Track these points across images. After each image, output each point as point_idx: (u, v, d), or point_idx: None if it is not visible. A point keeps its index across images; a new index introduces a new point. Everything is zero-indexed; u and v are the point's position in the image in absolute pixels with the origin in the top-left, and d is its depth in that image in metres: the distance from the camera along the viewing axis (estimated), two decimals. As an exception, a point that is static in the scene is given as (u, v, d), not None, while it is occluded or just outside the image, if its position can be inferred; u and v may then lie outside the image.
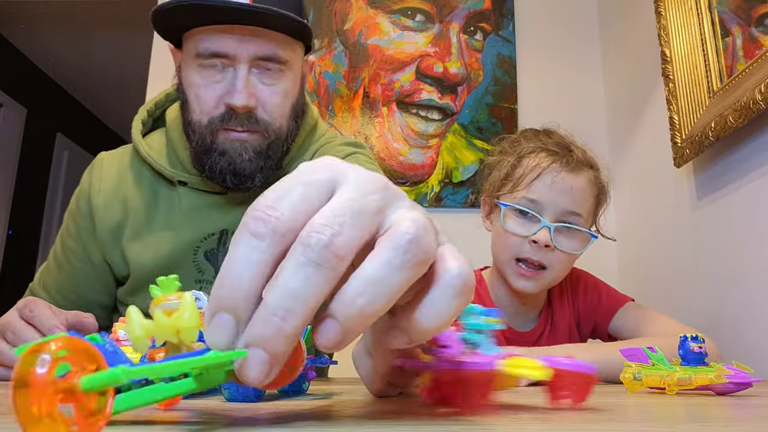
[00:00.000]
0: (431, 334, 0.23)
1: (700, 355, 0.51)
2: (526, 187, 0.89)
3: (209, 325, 0.22)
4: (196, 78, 0.73)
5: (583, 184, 0.91)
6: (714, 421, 0.30)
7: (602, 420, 0.29)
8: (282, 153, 0.78)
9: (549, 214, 0.88)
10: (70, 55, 3.57)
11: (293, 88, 0.77)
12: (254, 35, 0.71)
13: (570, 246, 0.88)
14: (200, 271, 0.80)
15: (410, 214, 0.23)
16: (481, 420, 0.28)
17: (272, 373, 0.21)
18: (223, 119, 0.73)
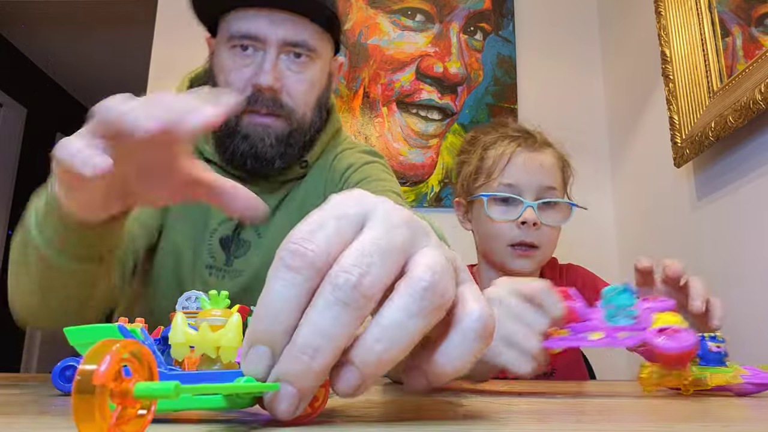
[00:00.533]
0: (450, 377, 0.24)
1: (719, 354, 0.50)
2: (500, 174, 0.93)
3: (247, 356, 0.22)
4: (228, 62, 0.74)
5: (551, 160, 0.96)
6: (714, 421, 0.30)
7: (602, 420, 0.29)
8: (303, 143, 0.78)
9: (528, 193, 0.92)
10: (70, 55, 3.57)
11: (320, 79, 0.78)
12: (286, 20, 0.73)
13: (554, 219, 0.93)
14: (212, 256, 0.80)
15: (429, 257, 0.24)
16: (481, 420, 0.28)
17: (300, 407, 0.22)
18: (249, 101, 0.73)
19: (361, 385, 0.22)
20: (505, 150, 0.94)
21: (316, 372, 0.21)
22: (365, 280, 0.22)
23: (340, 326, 0.22)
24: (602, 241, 1.65)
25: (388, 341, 0.22)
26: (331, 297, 0.22)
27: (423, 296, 0.22)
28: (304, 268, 0.22)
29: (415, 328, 0.22)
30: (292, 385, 0.22)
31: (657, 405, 0.38)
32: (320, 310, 0.22)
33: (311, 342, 0.21)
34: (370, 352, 0.22)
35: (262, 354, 0.22)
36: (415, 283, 0.22)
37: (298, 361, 0.21)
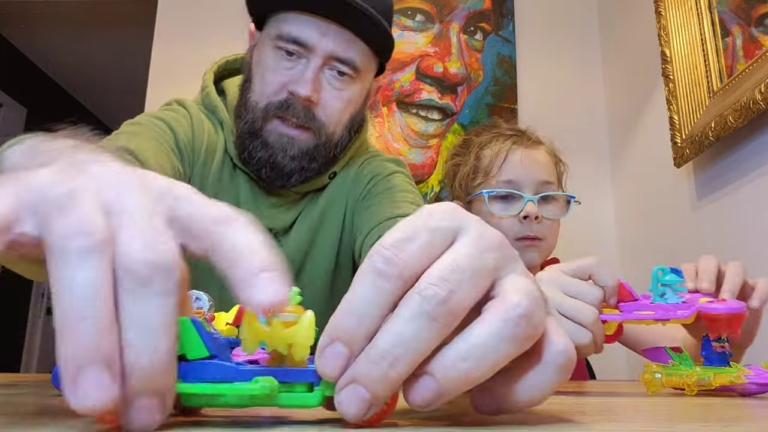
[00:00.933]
0: (525, 407, 0.24)
1: (723, 355, 0.50)
2: (498, 172, 0.95)
3: (324, 352, 0.22)
4: (269, 60, 0.72)
5: (545, 156, 0.99)
6: (714, 421, 0.30)
7: (603, 420, 0.29)
8: (327, 159, 0.76)
9: (528, 188, 0.94)
10: (70, 55, 3.57)
11: (358, 100, 0.76)
12: (337, 34, 0.70)
13: (554, 213, 0.95)
14: None
15: (522, 283, 0.23)
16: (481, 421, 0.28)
17: (369, 413, 0.22)
18: (280, 106, 0.71)
19: (437, 399, 0.22)
20: (501, 148, 0.96)
21: (392, 380, 0.21)
22: (454, 296, 0.21)
23: (423, 339, 0.21)
24: (602, 241, 1.65)
25: (475, 361, 0.21)
26: (418, 309, 0.21)
27: (518, 323, 0.22)
28: (394, 278, 0.22)
29: (505, 354, 0.22)
30: (367, 389, 0.21)
31: (658, 405, 0.38)
32: (405, 320, 0.21)
33: (393, 350, 0.21)
34: (453, 369, 0.21)
35: (341, 353, 0.22)
36: (511, 309, 0.22)
37: (376, 367, 0.21)
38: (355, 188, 0.81)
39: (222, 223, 0.22)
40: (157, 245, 0.20)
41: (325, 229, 0.80)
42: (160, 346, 0.20)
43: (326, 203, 0.80)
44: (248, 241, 0.22)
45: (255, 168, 0.73)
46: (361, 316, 0.22)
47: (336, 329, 0.22)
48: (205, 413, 0.28)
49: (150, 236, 0.21)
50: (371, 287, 0.22)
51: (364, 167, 0.83)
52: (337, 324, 0.22)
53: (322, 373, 0.22)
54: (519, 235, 0.93)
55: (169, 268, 0.20)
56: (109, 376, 0.19)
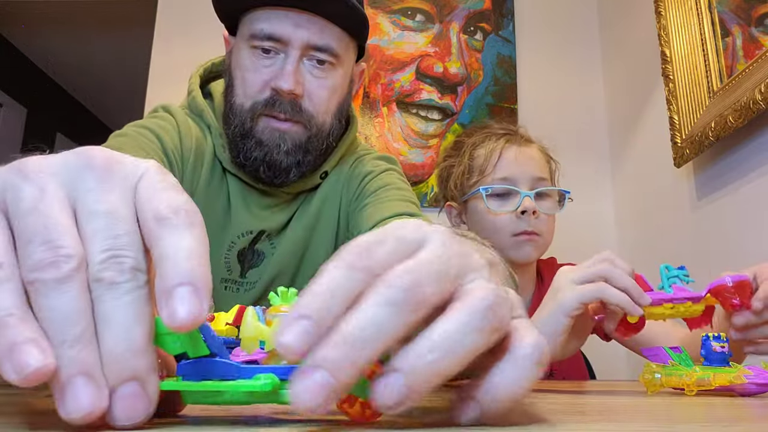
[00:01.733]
0: (505, 403, 0.23)
1: (723, 354, 0.49)
2: (493, 170, 0.97)
3: (287, 329, 0.20)
4: (246, 61, 0.71)
5: (538, 153, 1.01)
6: (715, 421, 0.30)
7: (602, 420, 0.29)
8: (321, 150, 0.76)
9: (523, 184, 0.95)
10: (70, 55, 3.57)
11: (342, 86, 0.76)
12: (311, 23, 0.70)
13: (550, 207, 0.97)
14: (228, 269, 0.78)
15: (485, 285, 0.23)
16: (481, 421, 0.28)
17: (328, 402, 0.20)
18: (266, 104, 0.71)
19: (406, 397, 0.21)
20: (495, 146, 0.98)
21: (356, 363, 0.20)
22: (418, 287, 0.21)
23: (386, 324, 0.21)
24: (602, 241, 1.65)
25: (442, 352, 0.21)
26: (383, 297, 0.21)
27: (485, 315, 0.22)
28: (364, 271, 0.22)
29: (473, 345, 0.21)
30: (329, 372, 0.20)
31: (658, 405, 0.38)
32: (370, 305, 0.21)
33: (357, 332, 0.20)
34: (420, 361, 0.21)
35: (308, 331, 0.20)
36: (478, 302, 0.22)
37: (340, 348, 0.20)
38: (348, 187, 0.81)
39: (161, 222, 0.22)
40: (121, 250, 0.21)
41: (320, 228, 0.80)
42: (132, 335, 0.21)
43: (321, 202, 0.80)
44: (175, 250, 0.22)
45: (252, 169, 0.73)
46: (332, 296, 0.21)
47: (303, 307, 0.21)
48: (203, 413, 0.28)
49: (114, 242, 0.21)
50: (340, 274, 0.22)
51: (356, 166, 0.82)
52: (305, 303, 0.21)
53: (284, 348, 0.20)
54: (516, 231, 0.94)
55: (134, 269, 0.21)
56: (93, 384, 0.20)
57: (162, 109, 0.78)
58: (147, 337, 0.21)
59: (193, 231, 0.23)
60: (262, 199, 0.78)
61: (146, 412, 0.21)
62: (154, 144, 0.71)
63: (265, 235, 0.78)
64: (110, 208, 0.22)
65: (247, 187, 0.78)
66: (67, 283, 0.20)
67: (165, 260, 0.22)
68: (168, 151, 0.72)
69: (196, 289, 0.21)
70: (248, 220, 0.77)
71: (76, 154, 0.24)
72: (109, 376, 0.20)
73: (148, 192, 0.23)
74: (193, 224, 0.23)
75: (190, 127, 0.76)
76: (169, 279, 0.21)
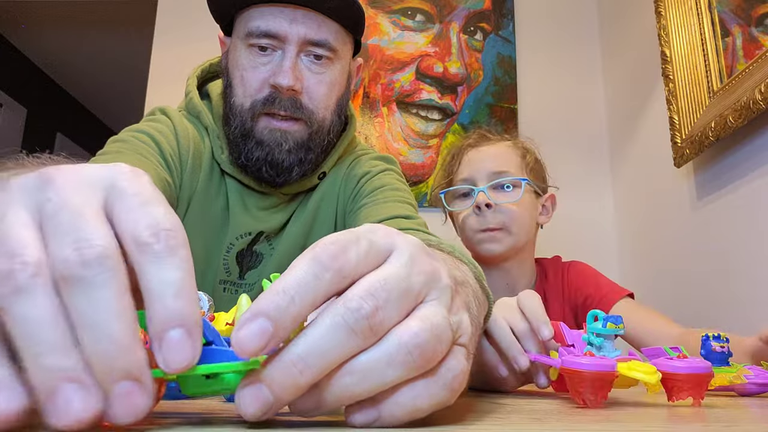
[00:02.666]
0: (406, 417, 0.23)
1: (723, 354, 0.49)
2: (455, 174, 1.03)
3: (247, 325, 0.21)
4: (244, 60, 0.71)
5: (501, 149, 1.03)
6: (715, 421, 0.30)
7: (602, 420, 0.29)
8: (322, 147, 0.75)
9: (480, 181, 0.98)
10: (70, 55, 3.56)
11: (340, 81, 0.75)
12: (307, 18, 0.69)
13: (509, 198, 0.98)
14: (227, 271, 0.77)
15: (434, 314, 0.23)
16: (481, 420, 0.28)
17: (267, 414, 0.22)
18: (266, 102, 0.70)
19: (315, 409, 0.22)
20: (459, 151, 1.05)
21: (300, 387, 0.21)
22: (378, 314, 0.22)
23: (339, 350, 0.21)
24: (602, 241, 1.65)
25: (358, 377, 0.22)
26: (340, 319, 0.22)
27: (410, 351, 0.22)
28: (332, 270, 0.22)
29: (390, 378, 0.22)
30: (272, 392, 0.21)
31: (657, 405, 0.38)
32: (325, 329, 0.21)
33: (307, 358, 0.21)
34: (336, 382, 0.22)
35: (264, 330, 0.21)
36: (411, 336, 0.22)
37: (286, 372, 0.21)
38: (346, 188, 0.80)
39: (142, 249, 0.21)
40: (78, 242, 0.20)
41: (317, 228, 0.80)
42: (114, 331, 0.20)
43: (318, 203, 0.80)
44: (161, 286, 0.21)
45: (255, 169, 0.73)
46: (293, 297, 0.21)
47: (263, 305, 0.21)
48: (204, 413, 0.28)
49: (77, 235, 0.21)
50: (310, 273, 0.22)
51: (354, 166, 0.82)
52: (265, 301, 0.21)
53: (239, 347, 0.21)
54: (478, 228, 0.97)
55: (100, 261, 0.20)
56: (81, 389, 0.19)
57: (159, 111, 0.78)
58: (131, 331, 0.20)
59: (177, 258, 0.22)
60: (260, 201, 0.78)
61: (147, 406, 0.20)
62: (152, 148, 0.70)
63: (264, 236, 0.78)
64: (72, 208, 0.21)
65: (246, 188, 0.78)
66: (27, 291, 0.20)
67: (153, 298, 0.21)
68: (166, 155, 0.71)
69: (188, 330, 0.21)
70: (247, 222, 0.77)
71: (37, 174, 0.23)
72: (99, 377, 0.20)
73: (123, 203, 0.23)
74: (176, 248, 0.22)
75: (188, 129, 0.76)
76: (159, 322, 0.21)
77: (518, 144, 1.05)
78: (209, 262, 0.76)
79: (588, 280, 0.99)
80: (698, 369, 0.37)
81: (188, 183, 0.74)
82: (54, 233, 0.21)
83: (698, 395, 0.37)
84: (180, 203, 0.74)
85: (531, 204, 1.00)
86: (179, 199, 0.73)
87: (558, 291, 1.01)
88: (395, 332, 0.23)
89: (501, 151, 1.02)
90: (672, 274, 1.33)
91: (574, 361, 0.35)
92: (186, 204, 0.74)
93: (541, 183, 1.04)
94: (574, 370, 0.35)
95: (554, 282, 1.01)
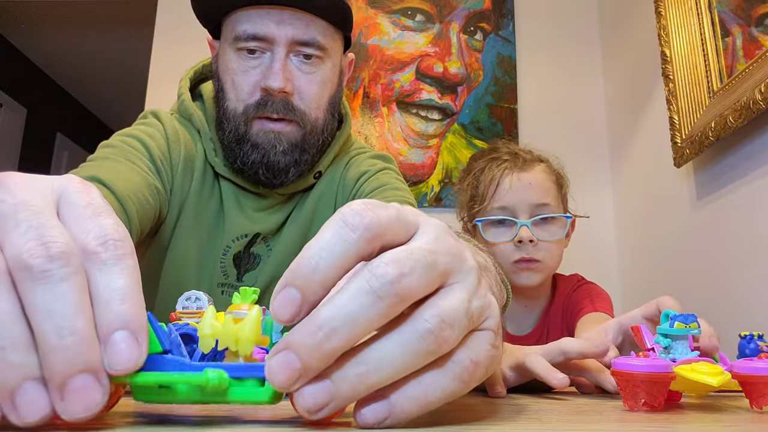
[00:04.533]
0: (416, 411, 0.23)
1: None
2: (492, 199, 0.97)
3: (278, 296, 0.22)
4: (233, 64, 0.71)
5: (540, 177, 0.98)
6: (715, 421, 0.30)
7: (602, 420, 0.29)
8: (317, 147, 0.75)
9: (522, 213, 0.95)
10: (70, 55, 3.57)
11: (332, 79, 0.75)
12: (294, 18, 0.69)
13: (551, 234, 0.95)
14: (225, 274, 0.77)
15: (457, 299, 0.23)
16: (481, 420, 0.28)
17: (297, 383, 0.21)
18: (258, 106, 0.70)
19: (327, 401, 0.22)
20: (494, 175, 0.98)
21: (325, 352, 0.21)
22: (404, 279, 0.22)
23: (364, 316, 0.21)
24: (602, 241, 1.65)
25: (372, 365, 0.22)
26: (366, 285, 0.22)
27: (425, 338, 0.22)
28: (360, 229, 0.22)
29: (403, 364, 0.22)
30: (298, 357, 0.21)
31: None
32: (351, 294, 0.22)
33: (332, 322, 0.21)
34: (349, 370, 0.22)
35: (293, 298, 0.22)
36: (422, 322, 0.22)
37: (312, 335, 0.21)
38: (344, 187, 0.80)
39: (90, 257, 0.22)
40: (42, 237, 0.21)
41: (315, 228, 0.80)
42: (77, 325, 0.20)
43: (315, 203, 0.80)
44: (108, 291, 0.22)
45: (251, 172, 0.73)
46: (318, 262, 0.22)
47: (292, 273, 0.22)
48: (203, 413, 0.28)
49: (40, 231, 0.21)
50: (333, 234, 0.22)
51: (351, 165, 0.82)
52: (294, 269, 0.22)
53: (276, 317, 0.22)
54: (514, 259, 0.93)
55: (65, 256, 0.21)
56: (43, 387, 0.20)
57: (151, 114, 0.78)
58: (92, 326, 0.21)
59: (123, 265, 0.22)
60: (256, 202, 0.78)
61: (102, 403, 0.21)
62: (141, 153, 0.70)
63: (261, 237, 0.78)
64: (31, 208, 0.22)
65: (241, 190, 0.77)
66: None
67: (100, 303, 0.21)
68: (155, 159, 0.71)
69: (132, 332, 0.21)
70: (243, 224, 0.76)
71: None
72: (57, 370, 0.20)
73: (72, 213, 0.23)
74: (123, 256, 0.23)
75: (178, 133, 0.76)
76: (105, 325, 0.21)
77: (554, 170, 1.01)
78: (205, 266, 0.76)
79: (586, 300, 0.96)
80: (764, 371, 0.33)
81: (180, 187, 0.74)
82: (12, 230, 0.21)
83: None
84: (171, 208, 0.74)
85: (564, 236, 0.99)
86: (170, 203, 0.74)
87: (561, 309, 0.99)
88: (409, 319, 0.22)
89: (541, 180, 0.98)
90: (672, 274, 1.33)
91: (626, 363, 0.33)
92: (178, 208, 0.74)
93: (570, 210, 1.02)
94: (623, 371, 0.33)
95: (559, 300, 1.00)
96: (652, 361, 0.33)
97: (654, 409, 0.33)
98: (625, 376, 0.33)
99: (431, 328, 0.22)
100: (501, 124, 1.72)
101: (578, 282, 1.01)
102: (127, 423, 0.24)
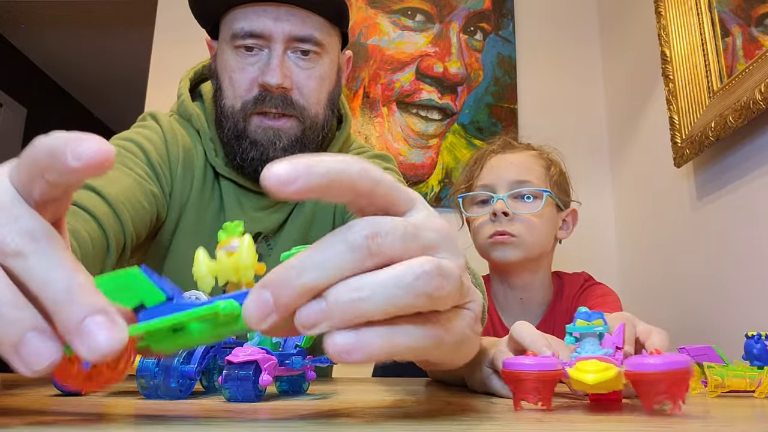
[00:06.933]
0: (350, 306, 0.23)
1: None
2: (476, 179, 1.00)
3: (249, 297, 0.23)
4: (231, 62, 0.71)
5: (525, 158, 1.00)
6: (715, 421, 0.30)
7: (602, 420, 0.29)
8: (317, 143, 0.75)
9: (501, 189, 0.96)
10: (70, 55, 3.57)
11: (330, 75, 0.75)
12: (290, 15, 0.70)
13: (528, 208, 0.95)
14: None
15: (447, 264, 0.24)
16: (481, 420, 0.28)
17: (268, 320, 0.22)
18: (256, 102, 0.70)
19: (321, 321, 0.22)
20: (482, 156, 1.02)
21: (295, 287, 0.22)
22: (378, 239, 0.23)
23: (336, 261, 0.22)
24: (602, 241, 1.65)
25: (366, 293, 0.22)
26: (342, 236, 0.23)
27: (419, 276, 0.23)
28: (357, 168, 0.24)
29: (397, 299, 0.22)
30: (271, 293, 0.22)
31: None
32: (325, 243, 0.23)
33: (304, 263, 0.22)
34: (344, 295, 0.22)
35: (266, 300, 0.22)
36: (417, 265, 0.23)
37: (284, 273, 0.22)
38: None
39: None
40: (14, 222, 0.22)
41: (316, 227, 0.80)
42: (78, 279, 0.21)
43: (315, 202, 0.79)
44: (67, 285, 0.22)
45: (251, 170, 0.73)
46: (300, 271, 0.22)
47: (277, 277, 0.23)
48: (204, 413, 0.28)
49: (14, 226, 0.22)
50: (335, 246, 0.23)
51: None
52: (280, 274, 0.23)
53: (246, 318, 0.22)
54: (491, 233, 0.94)
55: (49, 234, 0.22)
56: (47, 336, 0.21)
57: (149, 117, 0.78)
58: (92, 282, 0.22)
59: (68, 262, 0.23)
60: (257, 201, 0.78)
61: (123, 341, 0.21)
62: (138, 158, 0.70)
63: (262, 236, 0.78)
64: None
65: (242, 189, 0.77)
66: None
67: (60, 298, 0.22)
68: (153, 163, 0.71)
69: (106, 315, 0.21)
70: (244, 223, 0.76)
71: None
72: (72, 317, 0.21)
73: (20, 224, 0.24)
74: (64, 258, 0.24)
75: (177, 134, 0.76)
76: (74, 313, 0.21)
77: (543, 154, 1.01)
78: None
79: (586, 295, 0.95)
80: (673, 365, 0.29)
81: (180, 189, 0.74)
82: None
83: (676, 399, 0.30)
84: (171, 210, 0.74)
85: (550, 217, 0.97)
86: (170, 207, 0.74)
87: (567, 309, 0.97)
88: (406, 262, 0.23)
89: (524, 160, 0.99)
90: (672, 274, 1.33)
91: (516, 362, 0.33)
92: (178, 210, 0.74)
93: (564, 197, 1.01)
94: (512, 371, 0.33)
95: (567, 299, 0.98)
96: (540, 359, 0.34)
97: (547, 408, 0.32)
98: (515, 375, 0.33)
99: (428, 270, 0.23)
100: (501, 124, 1.72)
101: (586, 281, 1.00)
102: (127, 422, 0.24)
